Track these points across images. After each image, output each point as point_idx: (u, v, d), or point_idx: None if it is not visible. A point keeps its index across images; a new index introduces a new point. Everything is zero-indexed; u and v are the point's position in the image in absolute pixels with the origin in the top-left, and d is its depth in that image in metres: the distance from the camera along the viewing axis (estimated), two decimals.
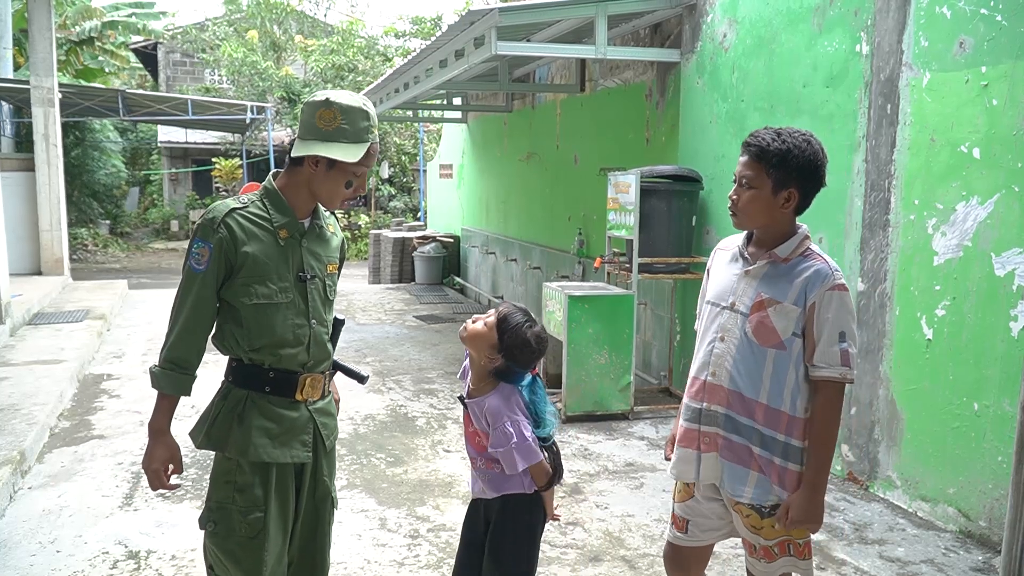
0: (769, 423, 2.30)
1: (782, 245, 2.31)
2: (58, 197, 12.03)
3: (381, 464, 4.97)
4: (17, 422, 5.20)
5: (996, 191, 3.79)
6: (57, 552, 3.74)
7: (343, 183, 2.29)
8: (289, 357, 2.31)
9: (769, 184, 2.25)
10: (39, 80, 11.60)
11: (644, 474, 4.82)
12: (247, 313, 2.27)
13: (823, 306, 2.23)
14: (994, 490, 3.82)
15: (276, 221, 2.30)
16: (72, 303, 10.08)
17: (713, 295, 2.45)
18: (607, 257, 6.27)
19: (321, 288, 2.39)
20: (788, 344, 2.27)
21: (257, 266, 2.25)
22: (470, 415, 2.54)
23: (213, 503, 2.33)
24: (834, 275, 2.25)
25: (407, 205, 23.02)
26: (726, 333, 2.35)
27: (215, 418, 2.32)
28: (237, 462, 2.30)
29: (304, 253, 2.34)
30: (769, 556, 2.39)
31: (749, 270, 2.34)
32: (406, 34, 22.56)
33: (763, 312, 2.28)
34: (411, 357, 8.02)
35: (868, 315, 4.55)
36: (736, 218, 2.35)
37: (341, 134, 2.23)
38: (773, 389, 2.29)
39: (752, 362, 2.30)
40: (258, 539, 2.29)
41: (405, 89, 9.22)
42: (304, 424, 2.36)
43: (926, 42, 4.14)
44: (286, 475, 2.35)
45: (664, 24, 6.69)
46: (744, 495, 2.34)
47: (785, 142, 2.24)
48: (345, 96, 2.27)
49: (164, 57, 28.55)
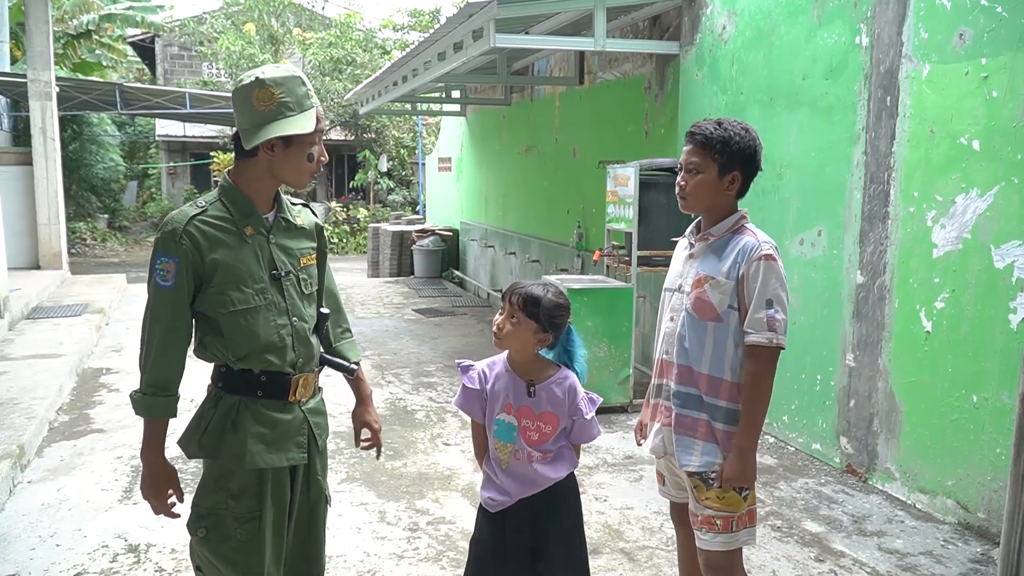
0: (711, 391, 2.48)
1: (717, 225, 2.51)
2: (56, 191, 12.02)
3: (380, 457, 4.96)
4: (16, 416, 5.20)
5: (996, 183, 3.79)
6: (57, 546, 3.74)
7: (304, 158, 2.18)
8: (278, 360, 2.22)
9: (715, 168, 2.46)
10: (36, 74, 11.57)
11: (643, 467, 4.83)
12: (226, 322, 2.16)
13: (751, 276, 2.42)
14: (993, 482, 3.83)
15: (239, 220, 2.19)
16: (71, 297, 10.07)
17: (668, 281, 2.66)
18: (606, 250, 6.27)
19: (296, 283, 2.28)
20: (725, 317, 2.46)
21: (229, 272, 2.15)
22: (530, 408, 2.45)
23: (203, 509, 2.25)
24: (761, 246, 2.44)
25: (406, 199, 22.99)
26: (674, 313, 2.56)
27: (207, 427, 2.23)
28: (230, 468, 2.22)
29: (273, 249, 2.24)
30: (711, 526, 2.49)
31: (692, 252, 2.55)
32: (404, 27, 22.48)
33: (701, 288, 2.48)
34: (410, 350, 8.02)
35: (867, 307, 4.55)
36: (684, 201, 2.55)
37: (285, 108, 2.11)
38: (714, 360, 2.47)
39: (695, 336, 2.49)
40: (255, 543, 2.22)
41: (403, 82, 9.19)
42: (299, 426, 2.29)
43: (926, 33, 4.13)
44: (282, 478, 2.28)
45: (663, 16, 6.67)
46: (691, 464, 2.50)
47: (727, 130, 2.46)
48: (272, 69, 2.15)
49: (162, 50, 28.46)
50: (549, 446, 2.46)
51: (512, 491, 2.46)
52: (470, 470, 4.73)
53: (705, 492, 2.49)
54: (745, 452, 2.44)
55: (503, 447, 2.47)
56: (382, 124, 21.83)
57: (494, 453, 2.49)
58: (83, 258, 18.58)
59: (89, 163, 20.75)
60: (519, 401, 2.45)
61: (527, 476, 2.46)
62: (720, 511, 2.47)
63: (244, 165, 2.20)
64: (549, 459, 2.46)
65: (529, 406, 2.45)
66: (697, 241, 2.55)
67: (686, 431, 2.51)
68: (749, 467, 2.45)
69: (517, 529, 2.46)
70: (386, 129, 22.13)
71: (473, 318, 9.98)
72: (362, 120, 20.51)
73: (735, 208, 2.53)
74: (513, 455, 2.46)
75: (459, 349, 8.08)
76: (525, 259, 10.02)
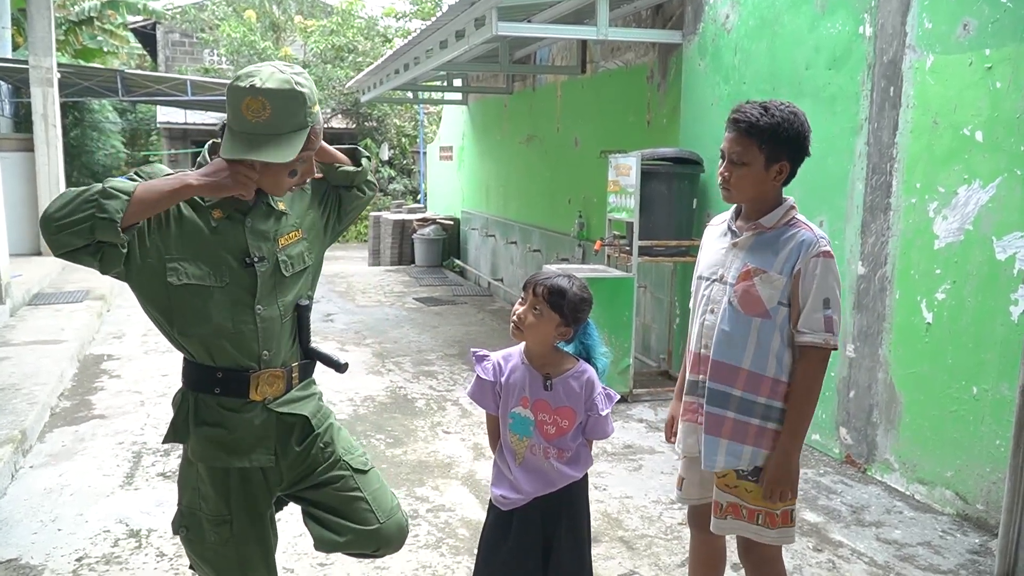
0: (750, 388, 2.35)
1: (768, 215, 2.35)
2: (57, 177, 12.02)
3: (380, 445, 4.99)
4: (18, 402, 5.22)
5: (998, 174, 3.78)
6: (58, 530, 3.76)
7: (285, 174, 2.01)
8: (233, 352, 2.07)
9: (761, 158, 2.28)
10: (38, 60, 11.55)
11: (643, 456, 4.84)
12: (175, 296, 2.00)
13: (808, 273, 2.28)
14: (991, 473, 3.84)
15: (208, 200, 2.03)
16: (72, 284, 10.08)
17: (703, 269, 2.50)
18: (607, 240, 6.26)
19: (271, 270, 2.11)
20: (773, 313, 2.31)
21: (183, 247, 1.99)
22: (547, 402, 2.38)
23: (184, 507, 2.21)
24: (819, 242, 2.29)
25: (407, 187, 22.95)
26: (715, 304, 2.40)
27: (176, 422, 2.15)
28: (197, 469, 2.17)
29: (248, 234, 2.07)
30: (737, 513, 2.43)
31: (737, 242, 2.38)
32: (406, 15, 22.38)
33: (749, 282, 2.32)
34: (411, 339, 8.03)
35: (868, 298, 4.55)
36: (728, 192, 2.37)
37: (273, 128, 1.91)
38: (757, 356, 2.34)
39: (736, 331, 2.34)
40: (228, 547, 2.17)
41: (405, 70, 9.17)
42: (262, 426, 2.14)
43: (930, 24, 4.11)
44: (249, 480, 2.18)
45: (666, 5, 6.64)
46: (716, 465, 2.41)
47: (774, 116, 2.26)
48: (271, 77, 1.92)
49: (163, 37, 28.37)
50: (568, 443, 2.40)
51: (526, 488, 2.38)
52: (470, 458, 4.75)
53: (735, 480, 2.40)
54: (790, 454, 2.34)
55: (519, 441, 2.40)
56: (383, 112, 21.78)
57: (509, 447, 2.42)
58: None
59: (90, 150, 20.71)
60: (536, 395, 2.38)
61: (543, 473, 2.39)
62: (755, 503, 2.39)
63: None
64: (567, 458, 2.40)
65: (546, 400, 2.38)
66: (745, 230, 2.37)
67: (714, 431, 2.40)
68: (794, 469, 2.36)
69: (528, 529, 2.39)
70: (387, 118, 22.08)
71: (474, 307, 9.99)
72: (363, 108, 20.46)
73: (781, 197, 2.37)
74: (529, 450, 2.39)
75: (459, 338, 8.09)
76: (526, 248, 10.02)
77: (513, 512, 2.41)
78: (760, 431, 2.37)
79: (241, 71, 1.97)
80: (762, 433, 2.37)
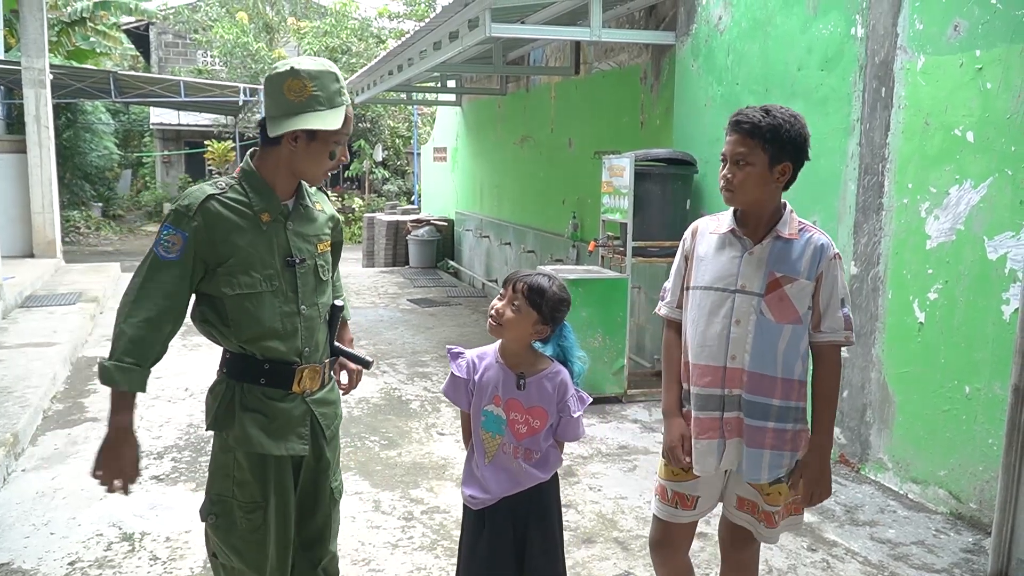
0: (785, 395, 2.36)
1: (780, 223, 2.35)
2: (50, 179, 11.96)
3: (375, 447, 4.98)
4: (10, 404, 5.19)
5: (989, 175, 3.80)
6: (51, 534, 3.75)
7: (326, 155, 2.16)
8: (281, 348, 2.20)
9: (765, 159, 2.27)
10: (30, 61, 11.50)
11: (637, 457, 4.85)
12: (230, 304, 2.14)
13: (828, 276, 2.33)
14: (984, 472, 3.85)
15: (256, 205, 2.16)
16: (65, 286, 10.04)
17: (712, 279, 2.40)
18: (601, 240, 6.27)
19: (313, 270, 2.27)
20: (804, 318, 2.34)
21: (239, 256, 2.12)
22: (519, 401, 2.38)
23: (214, 495, 2.26)
24: (832, 246, 2.37)
25: (401, 188, 22.96)
26: (741, 316, 2.34)
27: (218, 406, 2.23)
28: (234, 456, 2.23)
29: (291, 236, 2.21)
30: (770, 522, 2.44)
31: (753, 251, 2.35)
32: (400, 16, 22.39)
33: (780, 290, 2.32)
34: (405, 340, 8.03)
35: (861, 298, 4.57)
36: (731, 195, 2.35)
37: (315, 102, 2.10)
38: (787, 362, 2.35)
39: (769, 341, 2.33)
40: (259, 533, 2.23)
41: (399, 71, 9.16)
42: (300, 417, 2.26)
43: (921, 25, 4.13)
44: (284, 468, 2.27)
45: (659, 6, 6.66)
46: (761, 478, 2.38)
47: (776, 118, 2.27)
48: (309, 61, 2.13)
49: (156, 38, 28.32)
50: (539, 443, 2.40)
51: (493, 488, 2.39)
52: (464, 459, 4.74)
53: (768, 488, 2.40)
54: (825, 455, 2.38)
55: (491, 439, 2.41)
56: (377, 113, 21.79)
57: (480, 444, 2.43)
58: (77, 247, 18.53)
59: (83, 151, 20.67)
60: (508, 393, 2.38)
61: (511, 472, 2.39)
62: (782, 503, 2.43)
63: (267, 152, 2.18)
64: (535, 459, 2.41)
65: (519, 399, 2.38)
66: (755, 238, 2.36)
67: (756, 443, 2.37)
68: (829, 470, 2.39)
69: (499, 530, 2.40)
70: (381, 119, 22.09)
71: (468, 308, 9.99)
72: (357, 109, 20.45)
73: (780, 201, 2.38)
74: (500, 448, 2.40)
75: (454, 339, 8.09)
76: (520, 249, 10.02)
77: (484, 512, 2.42)
78: (795, 435, 2.39)
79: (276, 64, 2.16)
80: (796, 436, 2.40)
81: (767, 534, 2.46)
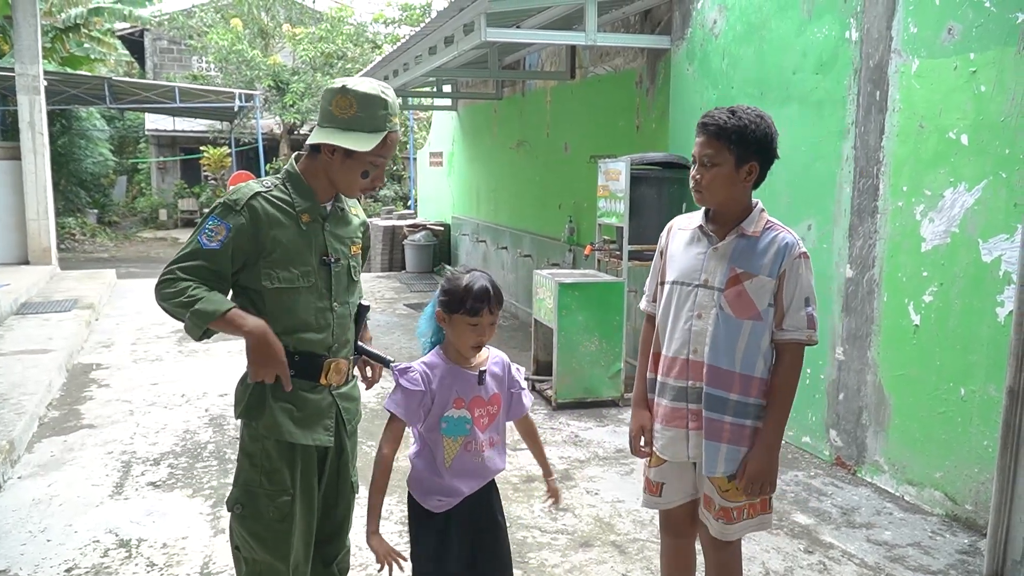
0: (743, 390, 2.39)
1: (746, 220, 2.40)
2: (45, 186, 11.94)
3: (372, 452, 4.96)
4: (6, 412, 5.18)
5: (983, 177, 3.81)
6: (47, 541, 3.73)
7: (359, 172, 2.28)
8: (313, 341, 2.32)
9: (732, 159, 2.34)
10: (24, 67, 11.48)
11: (634, 460, 4.84)
12: (268, 297, 2.27)
13: (792, 274, 2.36)
14: (980, 474, 3.86)
15: (298, 205, 2.30)
16: (60, 293, 10.02)
17: (678, 275, 2.49)
18: (597, 244, 6.28)
19: (346, 270, 2.41)
20: (764, 315, 2.37)
21: (279, 252, 2.25)
22: (480, 396, 2.38)
23: (240, 485, 2.35)
24: (798, 244, 2.39)
25: (397, 193, 22.95)
26: (702, 310, 2.41)
27: (249, 396, 2.33)
28: (263, 446, 2.32)
29: (328, 236, 2.35)
30: (728, 517, 2.47)
31: (718, 247, 2.41)
32: (395, 21, 22.41)
33: (739, 286, 2.37)
34: (401, 345, 8.02)
35: (856, 301, 4.58)
36: (700, 195, 2.43)
37: (357, 123, 2.22)
38: (747, 358, 2.38)
39: (728, 335, 2.38)
40: (286, 522, 2.33)
41: (394, 76, 9.17)
42: (327, 409, 2.39)
43: (915, 28, 4.15)
44: (310, 458, 2.39)
45: (654, 10, 6.68)
46: (717, 471, 2.43)
47: (741, 119, 2.34)
48: (363, 84, 2.25)
49: (151, 44, 28.32)
50: (500, 425, 2.44)
51: (461, 487, 2.39)
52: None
53: (727, 484, 2.43)
54: (772, 448, 2.40)
55: (452, 442, 2.37)
56: None
57: (439, 450, 2.38)
58: (72, 253, 18.48)
59: (78, 158, 20.66)
60: (471, 393, 2.36)
61: (475, 468, 2.39)
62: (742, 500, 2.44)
63: (311, 158, 2.33)
64: (497, 445, 2.44)
65: (480, 395, 2.38)
66: (720, 235, 2.42)
67: (713, 437, 2.41)
68: (775, 467, 2.41)
69: (462, 530, 2.40)
70: None
71: None
72: None
73: (750, 199, 2.43)
74: (464, 447, 2.37)
75: None
76: (517, 254, 10.03)
77: (446, 515, 2.41)
78: (753, 431, 2.42)
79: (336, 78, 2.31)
80: (755, 433, 2.42)
81: (724, 530, 2.49)
